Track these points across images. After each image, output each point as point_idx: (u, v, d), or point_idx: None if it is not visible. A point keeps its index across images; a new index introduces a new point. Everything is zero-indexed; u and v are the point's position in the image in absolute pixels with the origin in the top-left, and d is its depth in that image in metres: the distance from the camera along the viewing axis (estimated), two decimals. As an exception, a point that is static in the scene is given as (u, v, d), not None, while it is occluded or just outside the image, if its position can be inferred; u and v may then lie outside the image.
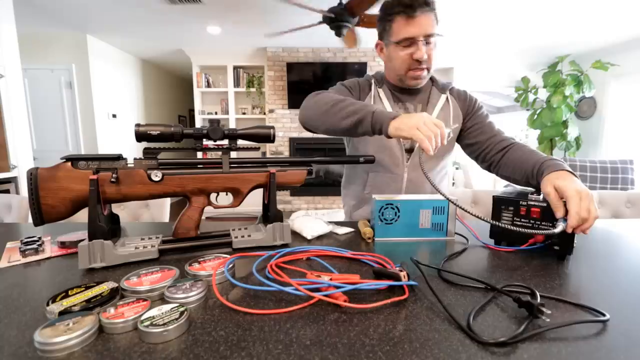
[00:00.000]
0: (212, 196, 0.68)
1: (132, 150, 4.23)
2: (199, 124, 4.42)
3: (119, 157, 0.60)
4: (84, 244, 0.55)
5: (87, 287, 0.45)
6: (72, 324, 0.36)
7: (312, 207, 4.44)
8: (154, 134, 0.59)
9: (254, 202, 2.32)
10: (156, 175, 0.61)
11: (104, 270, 0.56)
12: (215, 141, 0.63)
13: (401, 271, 0.48)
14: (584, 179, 3.42)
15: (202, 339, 0.36)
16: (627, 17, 3.02)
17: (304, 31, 3.41)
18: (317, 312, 0.42)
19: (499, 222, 0.60)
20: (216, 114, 4.49)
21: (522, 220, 0.66)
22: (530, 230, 0.59)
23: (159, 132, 0.59)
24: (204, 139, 0.63)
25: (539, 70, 4.11)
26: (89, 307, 0.40)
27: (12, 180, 2.20)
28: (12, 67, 2.18)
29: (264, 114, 4.39)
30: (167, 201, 1.32)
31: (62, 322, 0.36)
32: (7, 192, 2.14)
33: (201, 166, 0.66)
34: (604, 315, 0.40)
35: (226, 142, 0.66)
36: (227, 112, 4.42)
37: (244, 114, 4.45)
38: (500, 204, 0.69)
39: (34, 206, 0.57)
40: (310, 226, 0.74)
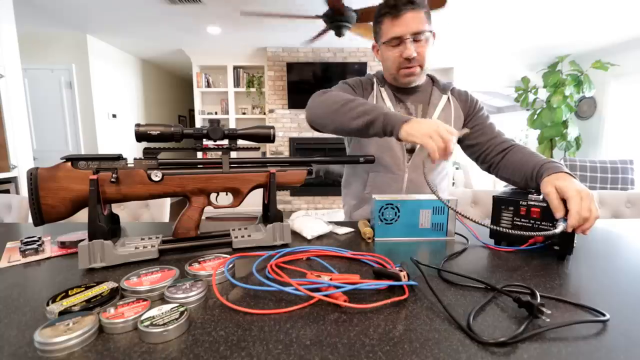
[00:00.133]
0: (212, 196, 0.68)
1: (132, 150, 4.24)
2: (199, 124, 4.43)
3: (119, 157, 0.60)
4: (84, 244, 0.55)
5: (87, 287, 0.45)
6: (72, 324, 0.36)
7: (312, 207, 4.44)
8: (154, 134, 0.59)
9: (254, 202, 2.32)
10: (156, 175, 0.61)
11: (104, 270, 0.56)
12: (215, 141, 0.63)
13: (401, 271, 0.48)
14: (584, 179, 3.42)
15: (202, 339, 0.36)
16: (627, 17, 3.02)
17: (304, 31, 3.41)
18: (317, 312, 0.42)
19: (498, 227, 0.60)
20: (216, 114, 4.49)
21: (522, 220, 0.65)
22: (530, 232, 0.59)
23: (159, 132, 0.59)
24: (204, 139, 0.63)
25: (539, 70, 4.11)
26: (89, 307, 0.40)
27: (12, 180, 2.20)
28: (12, 67, 2.18)
29: (264, 114, 4.39)
30: (167, 201, 1.32)
31: (62, 322, 0.36)
32: (7, 192, 2.14)
33: (201, 166, 0.66)
34: (604, 315, 0.40)
35: (226, 142, 0.66)
36: (227, 112, 4.42)
37: (244, 114, 4.45)
38: (500, 204, 0.69)
39: (34, 206, 0.57)
40: (310, 226, 0.74)
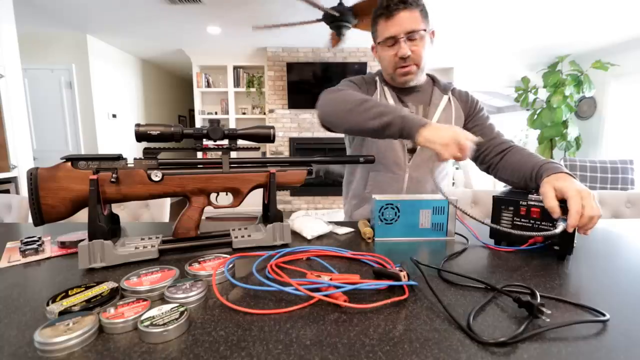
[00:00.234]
0: (212, 196, 0.68)
1: (132, 150, 4.24)
2: (199, 124, 4.43)
3: (119, 157, 0.60)
4: (84, 244, 0.55)
5: (87, 287, 0.45)
6: (72, 324, 0.36)
7: (312, 207, 4.44)
8: (154, 134, 0.59)
9: (254, 202, 2.32)
10: (156, 175, 0.61)
11: (104, 270, 0.56)
12: (215, 141, 0.63)
13: (401, 271, 0.48)
14: (584, 179, 3.42)
15: (202, 339, 0.36)
16: (627, 17, 3.02)
17: (304, 31, 3.41)
18: (317, 312, 0.42)
19: (502, 227, 0.60)
20: (216, 114, 4.49)
21: (522, 220, 0.65)
22: (531, 232, 0.59)
23: (159, 132, 0.59)
24: (204, 139, 0.63)
25: (539, 70, 4.11)
26: (89, 307, 0.40)
27: (12, 180, 2.20)
28: (12, 67, 2.18)
29: (264, 114, 4.39)
30: (167, 201, 1.32)
31: (62, 322, 0.36)
32: (7, 192, 2.14)
33: (201, 166, 0.66)
34: (604, 315, 0.40)
35: (226, 142, 0.66)
36: (227, 112, 4.43)
37: (244, 114, 4.46)
38: (500, 204, 0.68)
39: (34, 206, 0.57)
40: (310, 226, 0.74)
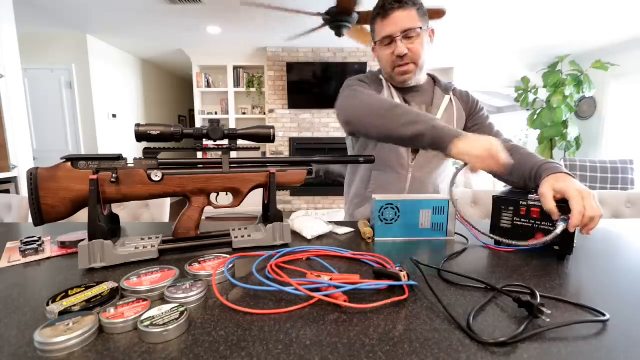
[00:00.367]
0: (212, 196, 0.68)
1: (132, 150, 4.24)
2: (199, 124, 4.43)
3: (119, 157, 0.60)
4: (84, 244, 0.55)
5: (87, 287, 0.45)
6: (72, 324, 0.36)
7: (312, 207, 4.44)
8: (154, 134, 0.59)
9: (254, 202, 2.32)
10: (156, 175, 0.61)
11: (104, 270, 0.56)
12: (215, 141, 0.63)
13: (401, 271, 0.48)
14: (584, 179, 3.42)
15: (202, 339, 0.36)
16: (627, 17, 3.02)
17: (304, 31, 3.41)
18: (317, 312, 0.42)
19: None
20: (216, 114, 4.49)
21: (522, 220, 0.65)
22: (536, 241, 0.58)
23: (159, 132, 0.59)
24: (204, 139, 0.63)
25: (539, 70, 4.11)
26: (89, 307, 0.40)
27: (12, 180, 2.20)
28: (12, 67, 2.18)
29: (264, 114, 4.39)
30: (167, 201, 1.32)
31: (62, 322, 0.36)
32: (7, 192, 2.14)
33: (201, 166, 0.66)
34: (604, 315, 0.40)
35: (226, 142, 0.66)
36: (227, 112, 4.42)
37: (244, 114, 4.45)
38: (500, 203, 0.68)
39: (34, 206, 0.57)
40: (310, 226, 0.74)
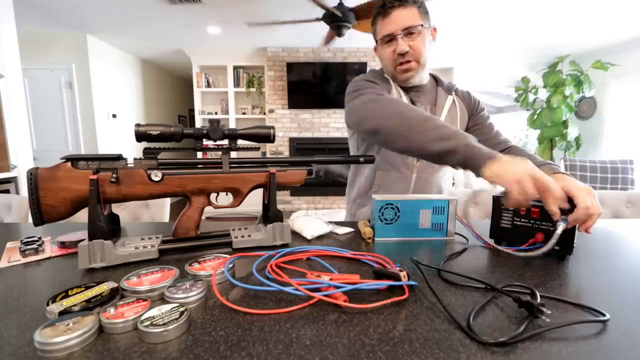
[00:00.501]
0: (212, 196, 0.68)
1: (132, 150, 4.24)
2: (199, 124, 4.43)
3: (119, 157, 0.60)
4: (84, 244, 0.55)
5: (87, 287, 0.45)
6: (72, 324, 0.36)
7: (312, 207, 4.44)
8: (154, 134, 0.59)
9: (254, 202, 2.32)
10: (156, 175, 0.61)
11: (104, 270, 0.56)
12: (215, 141, 0.63)
13: (401, 271, 0.48)
14: (584, 179, 3.42)
15: (202, 339, 0.36)
16: (627, 17, 3.02)
17: (304, 31, 3.41)
18: (317, 312, 0.42)
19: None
20: (216, 114, 4.49)
21: (522, 220, 0.66)
22: (537, 251, 0.58)
23: (159, 132, 0.59)
24: (204, 139, 0.63)
25: (539, 70, 4.11)
26: (89, 307, 0.40)
27: (12, 180, 2.20)
28: (12, 67, 2.18)
29: (264, 114, 4.39)
30: (167, 201, 1.32)
31: (62, 322, 0.36)
32: (7, 192, 2.14)
33: (201, 166, 0.66)
34: (604, 315, 0.40)
35: (226, 142, 0.66)
36: (227, 112, 4.43)
37: (244, 114, 4.46)
38: (500, 203, 0.68)
39: (34, 206, 0.57)
40: (310, 226, 0.74)
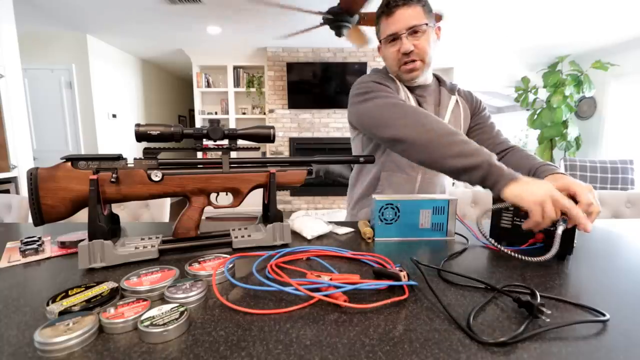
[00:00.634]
0: (212, 196, 0.68)
1: (132, 150, 4.24)
2: (199, 124, 4.43)
3: (119, 157, 0.60)
4: (84, 244, 0.55)
5: (87, 287, 0.45)
6: (72, 324, 0.36)
7: (312, 207, 4.44)
8: (154, 134, 0.59)
9: (254, 202, 2.32)
10: (156, 175, 0.61)
11: (104, 270, 0.56)
12: (215, 141, 0.63)
13: (401, 271, 0.48)
14: (584, 179, 3.42)
15: (202, 339, 0.36)
16: (627, 17, 3.02)
17: (305, 31, 3.41)
18: (317, 312, 0.42)
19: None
20: (216, 114, 4.49)
21: (522, 220, 0.65)
22: (542, 257, 0.57)
23: (159, 132, 0.59)
24: (204, 139, 0.63)
25: (539, 70, 4.11)
26: (89, 307, 0.40)
27: (12, 180, 2.20)
28: (12, 67, 2.18)
29: (264, 114, 4.39)
30: (167, 201, 1.32)
31: (62, 322, 0.36)
32: (7, 192, 2.14)
33: (201, 166, 0.66)
34: (604, 315, 0.40)
35: (226, 142, 0.66)
36: (227, 112, 4.42)
37: (244, 114, 4.46)
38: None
39: (33, 206, 0.57)
40: (310, 226, 0.74)
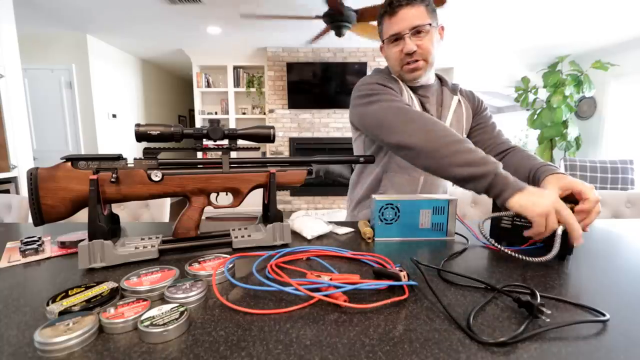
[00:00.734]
0: (212, 196, 0.68)
1: (132, 150, 4.24)
2: (199, 124, 4.43)
3: (119, 157, 0.60)
4: (84, 244, 0.55)
5: (87, 287, 0.45)
6: (72, 324, 0.36)
7: (312, 207, 4.44)
8: (154, 134, 0.59)
9: (254, 202, 2.32)
10: (156, 175, 0.61)
11: (104, 270, 0.56)
12: (215, 141, 0.63)
13: (401, 271, 0.48)
14: (584, 179, 3.41)
15: (202, 339, 0.36)
16: (627, 17, 3.02)
17: (304, 31, 3.41)
18: (317, 312, 0.42)
19: (506, 248, 0.59)
20: (216, 114, 4.49)
21: (522, 220, 0.65)
22: (542, 257, 0.56)
23: (159, 132, 0.59)
24: (204, 139, 0.63)
25: (539, 70, 4.11)
26: (89, 307, 0.40)
27: (12, 180, 2.20)
28: (12, 67, 2.18)
29: (264, 114, 4.39)
30: (167, 201, 1.32)
31: (62, 322, 0.36)
32: (7, 192, 2.14)
33: (201, 166, 0.66)
34: (604, 315, 0.40)
35: (226, 142, 0.66)
36: (227, 112, 4.43)
37: (244, 114, 4.46)
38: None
39: (33, 206, 0.57)
40: (310, 226, 0.74)
